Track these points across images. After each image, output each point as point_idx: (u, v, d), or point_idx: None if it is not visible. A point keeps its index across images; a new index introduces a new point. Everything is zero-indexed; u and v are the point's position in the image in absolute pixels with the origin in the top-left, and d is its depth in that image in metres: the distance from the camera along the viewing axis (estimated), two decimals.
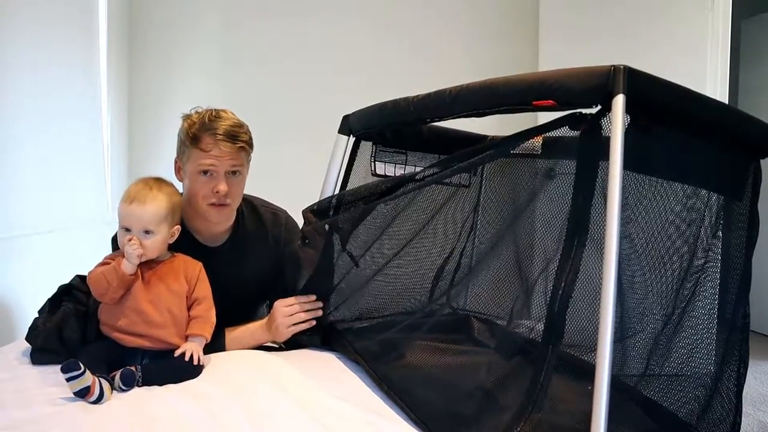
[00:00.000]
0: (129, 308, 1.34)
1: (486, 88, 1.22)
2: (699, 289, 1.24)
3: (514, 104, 1.15)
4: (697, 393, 1.17)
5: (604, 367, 0.91)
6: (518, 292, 1.47)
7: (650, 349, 1.17)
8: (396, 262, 1.70)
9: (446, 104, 1.32)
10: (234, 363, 1.44)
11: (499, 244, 1.68)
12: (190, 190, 1.55)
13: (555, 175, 1.26)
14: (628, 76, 0.98)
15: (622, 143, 0.97)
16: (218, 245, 1.65)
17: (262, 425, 1.13)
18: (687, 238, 1.18)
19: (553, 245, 1.15)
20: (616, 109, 0.98)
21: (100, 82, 2.68)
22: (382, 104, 1.57)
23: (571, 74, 1.05)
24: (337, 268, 1.62)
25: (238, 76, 3.10)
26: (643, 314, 1.15)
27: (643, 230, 1.11)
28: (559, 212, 1.17)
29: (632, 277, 1.15)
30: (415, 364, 1.37)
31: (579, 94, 1.03)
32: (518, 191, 1.65)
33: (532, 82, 1.11)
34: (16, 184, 2.07)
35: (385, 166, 1.82)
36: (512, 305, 1.49)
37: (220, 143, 1.49)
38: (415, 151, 1.84)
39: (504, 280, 1.56)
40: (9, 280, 2.02)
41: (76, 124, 2.48)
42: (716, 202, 1.24)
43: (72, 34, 2.46)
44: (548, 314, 1.04)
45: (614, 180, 0.97)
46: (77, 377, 1.15)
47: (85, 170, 2.58)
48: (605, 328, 0.92)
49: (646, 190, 1.11)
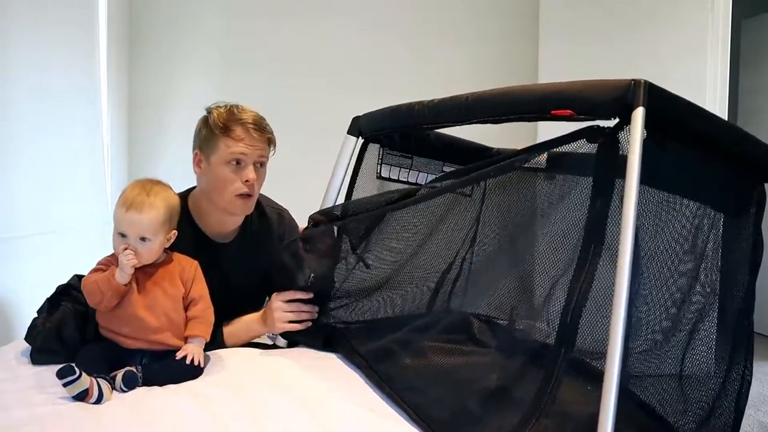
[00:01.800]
0: (126, 315, 1.33)
1: (503, 95, 1.23)
2: (704, 309, 1.26)
3: (532, 113, 1.17)
4: (696, 407, 1.18)
5: (613, 376, 0.93)
6: (519, 297, 1.47)
7: (652, 358, 1.19)
8: (400, 268, 1.70)
9: (461, 110, 1.34)
10: (234, 362, 1.44)
11: (499, 253, 1.70)
12: (216, 181, 1.54)
13: (563, 191, 1.28)
14: (648, 91, 1.00)
15: (640, 155, 0.99)
16: (227, 242, 1.66)
17: (262, 425, 1.13)
18: (694, 255, 1.20)
19: (568, 255, 1.16)
20: (635, 122, 1.00)
21: (100, 82, 2.67)
22: (396, 107, 1.58)
23: (591, 86, 1.07)
24: (342, 270, 1.62)
25: (239, 77, 3.10)
26: (647, 325, 1.17)
27: (653, 244, 1.13)
28: (572, 224, 1.18)
29: (640, 290, 1.16)
30: (417, 366, 1.37)
31: (598, 105, 1.05)
32: (520, 203, 1.66)
33: (551, 92, 1.13)
34: (15, 184, 2.05)
35: (390, 169, 1.83)
36: (512, 309, 1.50)
37: (252, 132, 1.53)
38: (421, 157, 1.85)
39: (505, 286, 1.56)
40: (8, 280, 2.01)
41: (76, 125, 2.46)
42: (720, 221, 1.26)
43: (72, 35, 2.45)
44: (561, 321, 1.05)
45: (630, 192, 0.99)
46: (73, 381, 1.15)
47: (84, 170, 2.56)
48: (615, 338, 0.94)
49: (656, 204, 1.13)
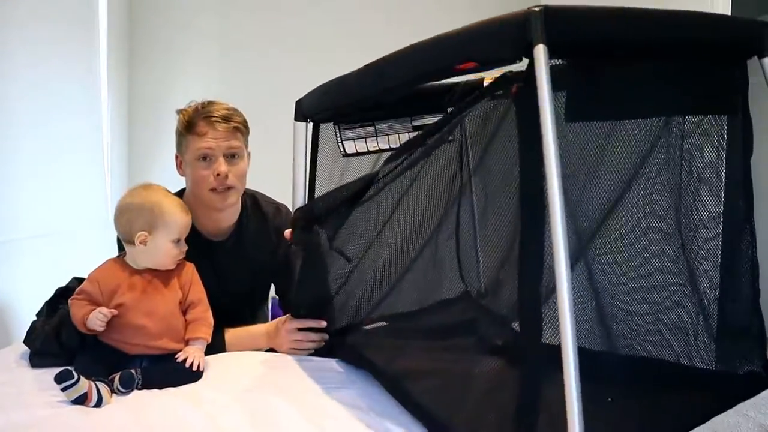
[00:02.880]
0: (125, 324, 1.34)
1: (408, 55, 1.07)
2: (695, 220, 1.09)
3: (438, 70, 1.00)
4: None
5: (570, 358, 0.80)
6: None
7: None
8: (392, 243, 1.58)
9: (377, 76, 1.19)
10: (233, 365, 1.44)
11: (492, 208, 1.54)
12: (192, 180, 1.57)
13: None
14: (546, 19, 0.82)
15: (550, 99, 0.82)
16: (222, 240, 1.65)
17: (262, 428, 1.12)
18: (670, 175, 1.03)
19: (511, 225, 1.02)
20: (538, 61, 0.82)
21: (100, 81, 2.64)
22: (327, 84, 1.45)
23: (485, 26, 0.89)
24: (332, 271, 1.54)
25: (239, 75, 3.04)
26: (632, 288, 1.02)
27: (614, 187, 0.96)
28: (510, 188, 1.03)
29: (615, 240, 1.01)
30: (419, 368, 1.29)
31: (498, 50, 0.88)
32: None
33: (449, 42, 0.96)
34: (14, 185, 2.04)
35: (355, 143, 1.70)
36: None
37: (215, 125, 1.52)
38: (382, 120, 1.70)
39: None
40: (7, 283, 2.02)
41: (75, 125, 2.44)
42: (700, 125, 1.06)
43: (72, 34, 2.41)
44: (520, 305, 0.93)
45: (548, 140, 0.81)
46: (72, 386, 1.15)
47: (84, 171, 2.55)
48: (564, 313, 0.80)
49: (606, 139, 0.95)
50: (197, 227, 1.59)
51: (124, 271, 1.39)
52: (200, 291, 1.44)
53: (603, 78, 0.92)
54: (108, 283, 1.36)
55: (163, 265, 1.40)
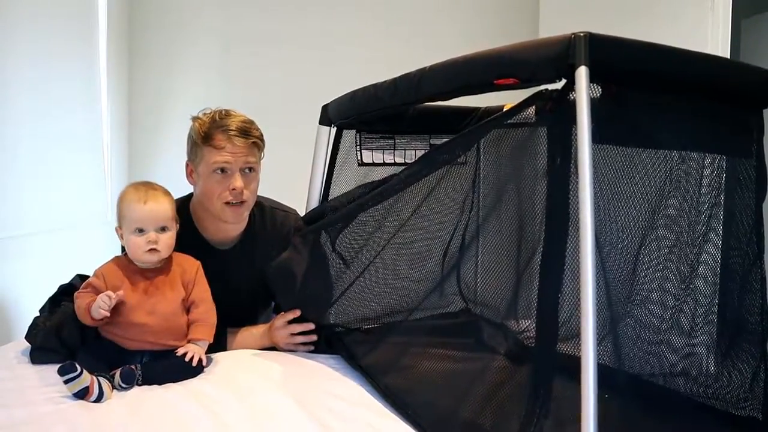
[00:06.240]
0: (127, 322, 1.33)
1: (449, 67, 1.13)
2: (703, 257, 1.14)
3: (478, 84, 1.06)
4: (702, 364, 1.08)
5: (589, 368, 0.84)
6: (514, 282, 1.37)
7: (651, 331, 1.08)
8: (395, 256, 1.62)
9: (413, 87, 1.24)
10: (234, 362, 1.44)
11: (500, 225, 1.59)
12: (204, 191, 1.53)
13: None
14: (590, 44, 0.88)
15: (589, 119, 0.87)
16: (228, 248, 1.64)
17: (262, 424, 1.12)
18: (682, 209, 1.08)
19: (536, 233, 1.06)
20: (579, 83, 0.88)
21: (100, 80, 2.65)
22: (357, 91, 1.50)
23: (530, 47, 0.95)
24: (334, 272, 1.56)
25: (239, 74, 3.05)
26: (637, 298, 1.06)
27: (630, 208, 1.01)
28: (534, 202, 1.08)
29: (626, 257, 1.06)
30: (420, 371, 1.32)
31: (539, 68, 0.93)
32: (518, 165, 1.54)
33: (492, 58, 1.02)
34: (15, 183, 2.04)
35: (372, 153, 1.75)
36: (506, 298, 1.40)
37: (234, 139, 1.47)
38: (403, 134, 1.75)
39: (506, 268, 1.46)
40: (9, 280, 2.02)
41: (75, 124, 2.45)
42: (715, 164, 1.12)
43: (72, 33, 2.43)
44: (538, 311, 0.96)
45: (584, 158, 0.87)
46: (75, 378, 1.16)
47: (84, 169, 2.55)
48: (587, 319, 0.84)
49: (627, 163, 1.01)
50: (203, 234, 1.59)
51: (127, 270, 1.38)
52: (204, 290, 1.43)
53: (630, 105, 0.98)
54: (113, 279, 1.36)
55: (139, 259, 1.37)
